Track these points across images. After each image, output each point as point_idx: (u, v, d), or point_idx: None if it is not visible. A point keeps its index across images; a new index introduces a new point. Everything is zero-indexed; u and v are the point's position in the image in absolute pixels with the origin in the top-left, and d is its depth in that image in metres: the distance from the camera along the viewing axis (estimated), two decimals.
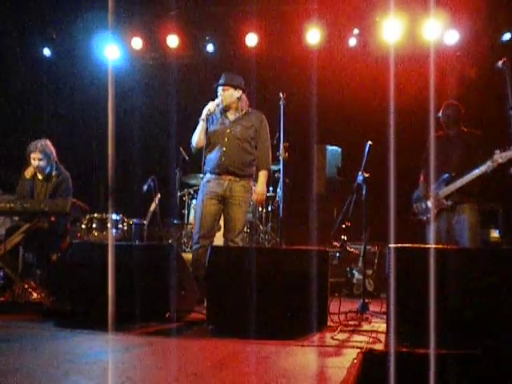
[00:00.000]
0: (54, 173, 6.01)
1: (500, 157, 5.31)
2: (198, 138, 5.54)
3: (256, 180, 5.64)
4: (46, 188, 5.98)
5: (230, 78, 5.60)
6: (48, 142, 6.00)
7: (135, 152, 8.14)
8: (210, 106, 5.48)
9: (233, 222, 5.44)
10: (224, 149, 5.48)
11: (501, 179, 5.46)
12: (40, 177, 6.01)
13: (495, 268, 3.87)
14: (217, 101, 5.52)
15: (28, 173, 5.98)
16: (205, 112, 5.47)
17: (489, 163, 5.36)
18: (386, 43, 8.09)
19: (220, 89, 5.56)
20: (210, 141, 5.57)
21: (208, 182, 5.54)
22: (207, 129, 5.57)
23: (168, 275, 4.48)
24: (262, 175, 5.61)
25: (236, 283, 4.30)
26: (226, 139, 5.50)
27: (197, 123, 5.54)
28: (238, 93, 5.58)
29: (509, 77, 5.05)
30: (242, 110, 5.61)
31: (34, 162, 5.91)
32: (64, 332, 4.14)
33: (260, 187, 5.60)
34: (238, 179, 5.47)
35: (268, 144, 5.66)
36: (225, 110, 5.62)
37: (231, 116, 5.62)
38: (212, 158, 5.54)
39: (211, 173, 5.54)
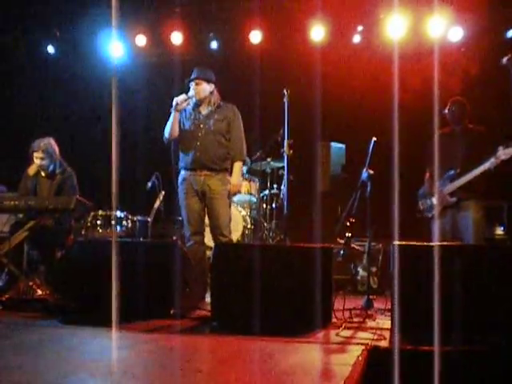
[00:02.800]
0: (57, 170, 6.00)
1: (503, 153, 5.31)
2: (171, 128, 5.50)
3: (231, 172, 5.63)
4: (51, 186, 5.98)
5: (202, 72, 5.58)
6: (51, 141, 5.99)
7: (139, 149, 8.14)
8: (180, 97, 5.44)
9: (217, 217, 5.43)
10: (198, 143, 5.46)
11: (506, 176, 5.45)
12: (43, 174, 6.01)
13: (500, 265, 3.87)
14: (189, 94, 5.50)
15: (31, 170, 5.97)
16: (174, 103, 5.43)
17: (492, 160, 5.36)
18: (390, 40, 8.05)
19: (193, 83, 5.54)
20: (184, 136, 5.56)
21: (184, 179, 5.53)
22: (180, 123, 5.56)
23: (172, 272, 4.49)
24: (237, 166, 5.59)
25: (240, 280, 4.31)
26: (200, 134, 5.49)
27: (169, 115, 5.52)
28: (210, 87, 5.57)
29: None
30: (214, 104, 5.60)
31: (37, 161, 5.91)
32: (68, 329, 4.16)
33: (235, 178, 5.56)
34: (213, 174, 5.45)
35: (242, 136, 5.63)
36: (197, 105, 5.60)
37: (204, 110, 5.60)
38: (187, 153, 5.52)
39: (186, 169, 5.52)
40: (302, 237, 6.90)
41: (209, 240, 5.75)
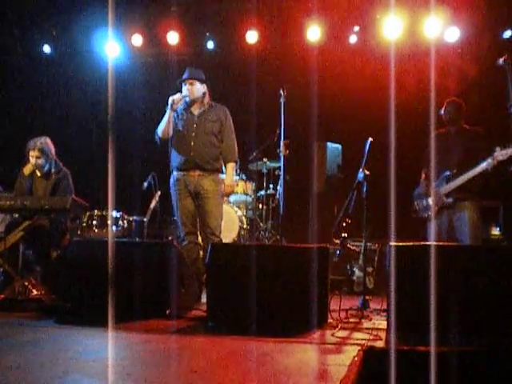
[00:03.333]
0: (53, 170, 5.99)
1: (500, 154, 5.30)
2: (165, 127, 5.48)
3: (223, 173, 5.65)
4: (46, 185, 5.97)
5: (195, 72, 5.59)
6: (47, 140, 5.98)
7: (135, 149, 8.13)
8: (175, 96, 5.44)
9: (209, 217, 5.43)
10: (192, 143, 5.47)
11: (501, 176, 5.46)
12: (39, 174, 5.99)
13: (496, 265, 3.87)
14: (183, 94, 5.50)
15: (27, 170, 5.95)
16: (170, 101, 5.41)
17: (489, 160, 5.35)
18: (386, 40, 8.07)
19: (187, 83, 5.54)
20: (177, 136, 5.55)
21: (178, 180, 5.52)
22: (172, 123, 5.55)
23: (168, 272, 4.48)
24: (230, 167, 5.63)
25: (236, 280, 4.30)
26: (194, 134, 5.49)
27: (163, 114, 5.50)
28: (203, 87, 5.59)
29: (510, 74, 5.04)
30: (206, 105, 5.61)
31: (33, 160, 5.90)
32: (64, 329, 4.14)
33: (229, 179, 5.60)
34: (206, 174, 5.47)
35: (233, 136, 5.65)
36: (189, 105, 5.61)
37: (196, 111, 5.61)
38: (179, 153, 5.52)
39: (179, 169, 5.52)
40: (297, 237, 6.91)
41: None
